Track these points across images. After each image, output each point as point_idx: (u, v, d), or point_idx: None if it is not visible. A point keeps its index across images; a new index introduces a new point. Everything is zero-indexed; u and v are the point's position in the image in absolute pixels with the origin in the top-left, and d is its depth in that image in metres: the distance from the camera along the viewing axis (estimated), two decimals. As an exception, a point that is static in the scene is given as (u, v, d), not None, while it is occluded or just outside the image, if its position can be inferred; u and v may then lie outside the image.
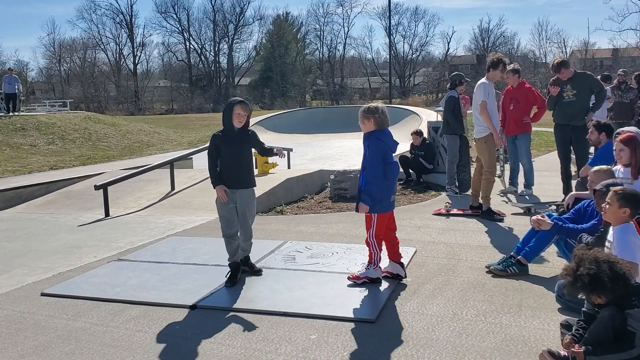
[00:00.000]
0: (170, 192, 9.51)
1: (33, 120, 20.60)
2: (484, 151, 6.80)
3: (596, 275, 2.96)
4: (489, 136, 6.73)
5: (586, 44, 58.74)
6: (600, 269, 2.97)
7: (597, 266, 2.98)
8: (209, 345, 3.66)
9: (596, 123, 6.64)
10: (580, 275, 3.00)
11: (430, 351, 3.43)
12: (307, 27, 67.63)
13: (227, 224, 4.88)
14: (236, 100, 4.85)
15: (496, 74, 6.89)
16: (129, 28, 63.06)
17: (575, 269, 3.05)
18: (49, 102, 32.88)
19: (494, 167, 6.87)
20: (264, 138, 20.57)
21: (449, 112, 8.73)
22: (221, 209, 4.86)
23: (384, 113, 4.59)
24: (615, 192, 3.63)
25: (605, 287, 2.96)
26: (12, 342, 3.84)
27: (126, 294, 4.67)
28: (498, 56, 7.01)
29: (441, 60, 63.64)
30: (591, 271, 2.97)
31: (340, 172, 9.22)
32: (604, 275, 2.95)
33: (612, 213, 3.63)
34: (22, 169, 13.30)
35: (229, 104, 4.84)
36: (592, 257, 3.04)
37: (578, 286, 3.04)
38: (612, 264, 3.01)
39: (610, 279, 2.94)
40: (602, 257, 3.04)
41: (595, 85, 7.43)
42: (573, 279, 3.04)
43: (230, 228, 4.89)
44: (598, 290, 2.99)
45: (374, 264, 4.64)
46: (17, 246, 6.61)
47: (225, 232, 4.91)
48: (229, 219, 4.87)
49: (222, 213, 4.87)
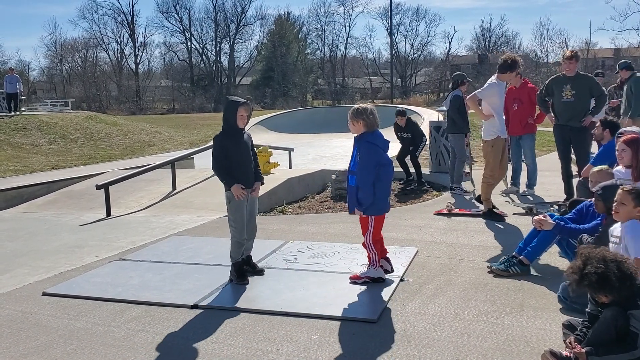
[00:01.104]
0: (172, 191, 9.51)
1: (35, 119, 20.62)
2: (489, 154, 6.68)
3: (604, 274, 2.94)
4: (497, 139, 6.59)
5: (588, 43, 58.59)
6: (608, 268, 2.95)
7: (605, 265, 2.97)
8: (210, 345, 3.66)
9: (603, 119, 6.64)
10: (588, 273, 2.98)
11: (432, 351, 3.43)
12: (308, 27, 67.67)
13: (243, 227, 4.81)
14: (240, 101, 4.79)
15: (510, 76, 6.65)
16: (131, 28, 63.10)
17: (582, 267, 3.03)
18: (51, 101, 32.87)
19: (496, 171, 6.74)
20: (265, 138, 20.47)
21: (454, 110, 8.72)
22: (238, 211, 4.75)
23: (374, 114, 4.52)
24: (629, 192, 3.58)
25: (613, 287, 2.94)
26: (14, 341, 3.84)
27: (128, 293, 4.67)
28: (514, 57, 6.64)
29: (443, 60, 63.62)
30: (599, 270, 2.96)
31: (342, 172, 9.20)
32: (611, 275, 2.93)
33: (626, 213, 3.58)
34: (24, 169, 13.31)
35: (233, 104, 4.76)
36: (600, 256, 3.02)
37: (585, 285, 3.02)
38: (620, 263, 2.99)
39: (618, 279, 2.93)
40: (610, 256, 3.03)
41: (596, 88, 7.33)
42: (580, 277, 3.02)
43: (244, 231, 4.83)
44: (605, 289, 2.97)
45: (374, 265, 4.64)
46: (18, 246, 6.61)
47: (240, 236, 4.81)
48: (244, 222, 4.80)
49: (239, 216, 4.75)
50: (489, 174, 6.71)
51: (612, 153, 5.80)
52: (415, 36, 65.36)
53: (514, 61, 6.54)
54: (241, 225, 4.80)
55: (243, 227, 4.82)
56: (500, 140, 6.62)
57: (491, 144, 6.62)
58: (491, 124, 6.60)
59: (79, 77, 59.90)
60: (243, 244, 4.87)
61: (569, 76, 7.34)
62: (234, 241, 4.84)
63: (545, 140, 14.29)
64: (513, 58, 6.61)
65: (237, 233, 4.82)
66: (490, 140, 6.62)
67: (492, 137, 6.60)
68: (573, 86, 7.28)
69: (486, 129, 6.68)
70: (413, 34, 65.47)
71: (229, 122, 4.76)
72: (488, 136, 6.65)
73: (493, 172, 6.70)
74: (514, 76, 6.84)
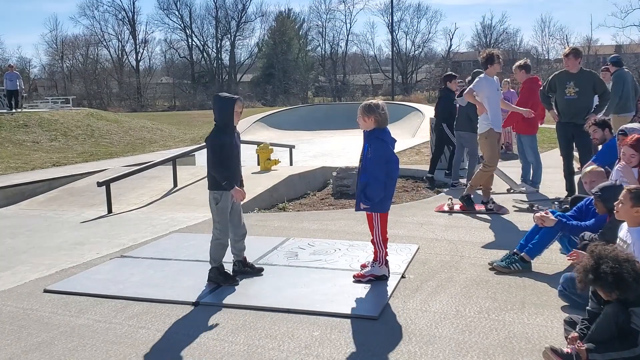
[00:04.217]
0: (173, 188, 9.51)
1: (36, 117, 20.62)
2: (485, 145, 7.00)
3: (620, 275, 2.94)
4: (489, 131, 6.89)
5: (589, 40, 58.44)
6: (623, 268, 2.95)
7: (620, 265, 2.96)
8: (212, 341, 3.67)
9: (594, 121, 6.59)
10: (604, 273, 2.97)
11: (433, 348, 3.43)
12: (309, 24, 67.63)
13: (227, 229, 4.73)
14: (234, 97, 4.70)
15: (494, 70, 6.96)
16: (131, 25, 63.00)
17: (596, 267, 3.01)
18: (52, 98, 32.92)
19: (494, 161, 7.02)
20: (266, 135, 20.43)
21: (473, 107, 8.64)
22: (225, 212, 4.66)
23: (385, 111, 4.50)
24: (629, 191, 3.58)
25: (629, 287, 2.94)
26: (16, 338, 3.85)
27: (129, 290, 4.68)
28: (489, 52, 7.05)
29: (444, 56, 63.51)
30: (615, 270, 2.94)
31: (343, 169, 9.21)
32: (628, 275, 2.93)
33: (625, 212, 3.57)
34: (25, 166, 13.32)
35: (229, 101, 4.64)
36: (614, 256, 3.01)
37: (599, 285, 3.02)
38: (633, 263, 2.99)
39: (634, 279, 2.93)
40: (622, 256, 3.02)
41: (599, 85, 7.25)
42: (594, 277, 3.00)
43: (228, 233, 4.75)
44: (620, 289, 2.96)
45: (380, 262, 4.63)
46: (19, 243, 6.62)
47: (225, 237, 4.72)
48: (228, 223, 4.72)
49: (224, 217, 4.67)
50: (487, 163, 7.01)
51: (613, 150, 5.79)
52: (416, 33, 65.35)
53: (489, 55, 6.96)
54: (226, 226, 4.72)
55: (228, 228, 4.74)
56: (494, 133, 6.94)
57: (485, 135, 6.96)
58: (484, 118, 6.91)
59: (79, 74, 59.86)
60: (226, 246, 4.79)
61: (573, 73, 7.27)
62: (217, 242, 4.72)
63: (546, 136, 14.27)
64: (487, 52, 7.05)
65: (221, 235, 4.71)
66: (484, 132, 6.95)
67: (486, 130, 6.93)
68: (577, 83, 7.20)
69: (480, 122, 7.01)
70: (414, 31, 65.45)
71: (224, 119, 4.65)
72: (482, 129, 6.99)
73: (492, 162, 7.01)
74: (498, 68, 7.02)
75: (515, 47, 60.62)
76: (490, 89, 6.89)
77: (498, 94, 7.08)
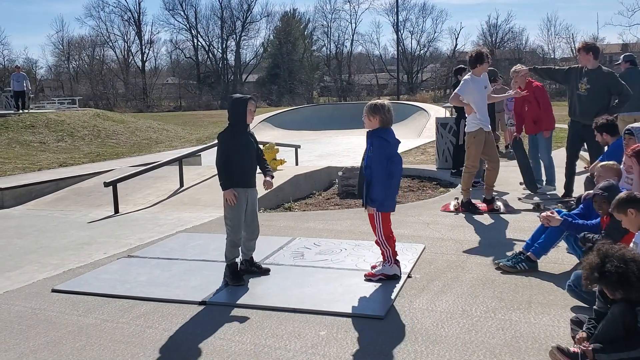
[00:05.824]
0: (179, 189, 9.54)
1: (42, 117, 20.73)
2: (471, 145, 6.96)
3: (625, 274, 2.93)
4: (478, 131, 6.88)
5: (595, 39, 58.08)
6: (628, 268, 2.94)
7: (626, 264, 2.96)
8: (218, 341, 3.68)
9: (595, 125, 6.38)
10: (608, 272, 2.97)
11: (440, 348, 3.43)
12: (314, 24, 67.51)
13: (239, 226, 4.76)
14: (247, 96, 4.83)
15: (482, 69, 6.89)
16: (137, 25, 63.25)
17: (601, 265, 3.02)
18: (58, 99, 33.07)
19: (477, 161, 7.06)
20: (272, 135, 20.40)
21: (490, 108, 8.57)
22: (235, 209, 4.69)
23: (390, 111, 4.52)
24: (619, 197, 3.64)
25: (633, 286, 2.93)
26: (24, 337, 3.88)
27: (136, 290, 4.70)
28: (478, 50, 6.99)
29: (449, 56, 63.31)
30: (620, 269, 2.94)
31: (348, 169, 9.21)
32: (632, 275, 2.93)
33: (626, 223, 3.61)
34: (32, 166, 13.39)
35: (242, 100, 4.75)
36: (620, 255, 3.00)
37: (604, 283, 3.02)
38: (639, 263, 2.99)
39: (638, 279, 2.92)
40: (629, 255, 3.01)
41: (615, 86, 6.90)
42: (599, 275, 3.00)
43: (240, 230, 4.78)
44: (624, 289, 2.96)
45: (389, 262, 4.63)
46: (27, 243, 6.66)
47: (236, 235, 4.75)
48: (240, 221, 4.75)
49: (236, 214, 4.70)
50: (470, 164, 7.00)
51: (620, 150, 5.75)
52: (421, 32, 65.27)
53: (478, 54, 6.90)
54: (237, 224, 4.74)
55: (239, 226, 4.76)
56: (482, 132, 6.90)
57: (473, 135, 6.94)
58: (473, 118, 6.89)
59: (86, 75, 60.15)
60: (238, 244, 4.81)
61: (589, 69, 7.04)
62: (229, 240, 4.77)
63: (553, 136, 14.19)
64: (477, 51, 6.99)
65: (232, 232, 4.74)
66: (473, 132, 6.93)
67: (475, 129, 6.90)
68: (589, 80, 6.99)
69: (469, 122, 6.99)
70: (419, 30, 65.36)
71: (238, 118, 4.74)
72: (471, 129, 6.96)
73: (474, 162, 7.02)
74: (486, 67, 6.96)
75: (521, 46, 60.42)
76: (476, 90, 6.83)
77: (485, 91, 6.99)
